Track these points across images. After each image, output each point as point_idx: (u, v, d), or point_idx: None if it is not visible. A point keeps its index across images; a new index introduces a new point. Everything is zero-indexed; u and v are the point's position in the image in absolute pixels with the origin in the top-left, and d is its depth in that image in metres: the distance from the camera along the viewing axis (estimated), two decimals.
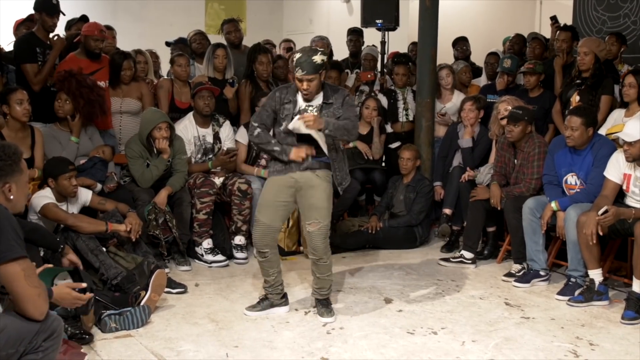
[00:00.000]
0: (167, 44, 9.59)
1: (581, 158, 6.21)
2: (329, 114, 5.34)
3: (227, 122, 7.51)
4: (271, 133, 5.46)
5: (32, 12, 7.18)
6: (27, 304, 3.26)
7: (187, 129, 7.26)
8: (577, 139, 6.13)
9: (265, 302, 5.58)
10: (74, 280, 4.86)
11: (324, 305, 5.54)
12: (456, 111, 8.25)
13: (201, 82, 7.34)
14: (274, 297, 5.59)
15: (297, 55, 5.23)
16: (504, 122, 6.97)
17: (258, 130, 5.36)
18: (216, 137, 7.37)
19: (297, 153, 5.24)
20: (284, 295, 5.67)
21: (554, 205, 6.21)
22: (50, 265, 4.08)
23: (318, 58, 5.16)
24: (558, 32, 8.21)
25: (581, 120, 6.10)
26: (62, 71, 6.69)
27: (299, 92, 5.33)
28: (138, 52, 8.05)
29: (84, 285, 3.98)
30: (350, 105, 5.48)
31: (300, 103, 5.35)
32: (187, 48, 8.95)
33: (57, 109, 6.59)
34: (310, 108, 5.33)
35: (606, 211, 5.52)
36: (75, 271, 5.07)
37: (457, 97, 8.37)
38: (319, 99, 5.36)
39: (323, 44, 9.35)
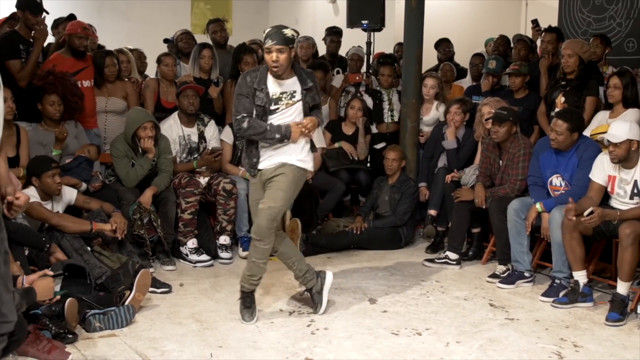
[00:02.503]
0: (166, 40, 9.58)
1: (566, 160, 6.24)
2: (311, 99, 5.33)
3: (212, 122, 7.50)
4: None
5: (15, 10, 7.13)
6: None
7: (172, 128, 7.24)
8: (561, 142, 6.17)
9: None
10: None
11: (246, 301, 5.43)
12: (434, 123, 8.27)
13: (185, 81, 7.32)
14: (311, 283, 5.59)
15: (267, 30, 5.14)
16: (488, 124, 7.00)
17: (247, 120, 5.20)
18: (201, 136, 7.35)
19: (298, 131, 5.21)
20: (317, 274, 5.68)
21: (538, 206, 6.24)
22: (50, 273, 4.08)
23: (288, 32, 5.11)
24: (543, 33, 8.23)
25: (567, 125, 6.13)
26: (45, 72, 6.64)
27: (269, 77, 5.25)
28: (120, 51, 8.01)
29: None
30: (318, 90, 5.48)
31: (273, 90, 5.26)
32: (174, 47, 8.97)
33: (51, 112, 6.54)
34: (285, 95, 5.27)
35: (591, 212, 5.55)
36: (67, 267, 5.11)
37: (436, 112, 8.33)
38: (293, 84, 5.30)
39: (308, 44, 9.35)
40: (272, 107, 5.25)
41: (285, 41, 5.08)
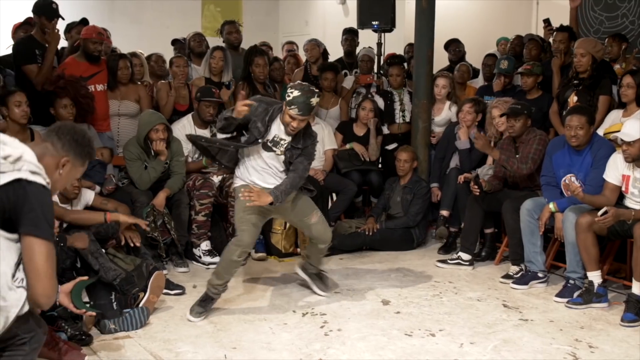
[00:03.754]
0: (175, 41, 9.63)
1: (580, 159, 6.20)
2: (290, 154, 5.48)
3: None
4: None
5: (30, 15, 7.17)
6: (39, 282, 3.20)
7: (185, 128, 7.25)
8: (582, 137, 6.11)
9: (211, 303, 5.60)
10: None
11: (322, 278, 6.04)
12: (445, 123, 8.26)
13: (210, 89, 7.32)
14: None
15: (296, 93, 5.21)
16: (500, 126, 7.00)
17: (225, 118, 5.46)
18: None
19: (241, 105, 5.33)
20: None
21: (552, 206, 6.21)
22: (85, 278, 4.09)
23: (314, 100, 5.26)
24: (555, 32, 8.20)
25: (585, 118, 6.10)
26: (55, 77, 6.66)
27: (281, 123, 5.44)
28: (133, 54, 8.01)
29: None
30: (308, 154, 5.58)
31: (276, 132, 5.46)
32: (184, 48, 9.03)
33: (64, 115, 6.54)
34: (283, 141, 5.47)
35: (605, 212, 5.53)
36: (96, 282, 5.14)
37: (448, 112, 8.32)
38: (294, 138, 5.48)
39: (314, 45, 9.43)
40: (271, 146, 5.49)
41: (310, 111, 5.32)
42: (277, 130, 5.45)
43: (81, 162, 3.56)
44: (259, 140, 5.44)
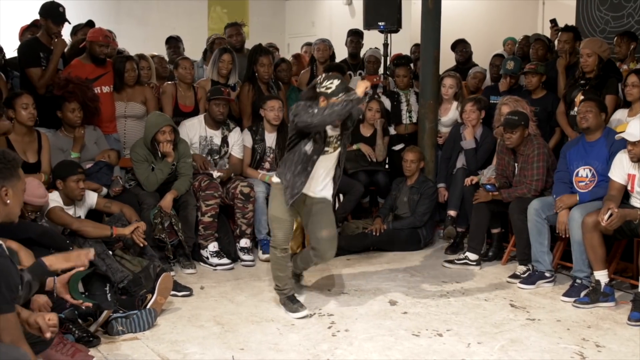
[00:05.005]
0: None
1: (595, 149, 6.22)
2: (342, 144, 5.63)
3: (237, 129, 7.50)
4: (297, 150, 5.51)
5: (37, 17, 7.18)
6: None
7: (194, 127, 7.29)
8: (592, 120, 6.16)
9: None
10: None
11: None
12: (452, 124, 8.25)
13: (219, 89, 7.31)
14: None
15: (336, 82, 5.31)
16: (501, 129, 7.00)
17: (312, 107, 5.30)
18: (224, 140, 7.36)
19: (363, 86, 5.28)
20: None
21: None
22: (81, 268, 4.09)
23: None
24: (560, 33, 8.19)
25: (594, 103, 6.19)
26: (63, 81, 6.63)
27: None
28: (141, 57, 8.00)
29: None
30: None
31: (329, 132, 5.47)
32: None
33: (72, 119, 6.55)
34: (332, 139, 5.51)
35: (610, 215, 5.52)
36: (92, 273, 5.13)
37: (455, 112, 8.26)
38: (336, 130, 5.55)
39: (325, 46, 9.38)
40: (326, 148, 5.49)
41: None
42: (328, 131, 5.46)
43: (16, 177, 3.55)
44: (325, 149, 5.50)
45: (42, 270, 3.71)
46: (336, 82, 5.30)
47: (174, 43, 9.60)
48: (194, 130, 7.26)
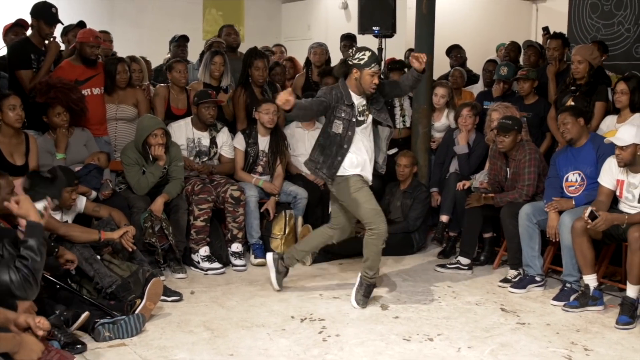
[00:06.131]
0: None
1: (583, 153, 6.30)
2: (375, 111, 5.96)
3: (225, 129, 7.49)
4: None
5: (20, 16, 7.13)
6: None
7: (182, 129, 7.27)
8: (572, 129, 6.29)
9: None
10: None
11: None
12: (445, 129, 8.26)
13: (206, 92, 7.32)
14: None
15: (368, 54, 5.73)
16: (494, 133, 7.01)
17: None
18: (213, 141, 7.35)
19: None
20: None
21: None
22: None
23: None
24: (549, 40, 8.23)
25: (567, 113, 6.32)
26: (45, 87, 6.50)
27: (352, 94, 5.79)
28: (132, 59, 7.99)
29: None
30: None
31: (357, 103, 5.81)
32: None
33: (58, 123, 6.49)
34: (363, 106, 5.85)
35: (591, 213, 5.55)
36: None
37: (447, 120, 8.33)
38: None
39: (322, 50, 9.39)
40: (361, 118, 5.82)
41: None
42: (356, 102, 5.81)
43: None
44: (354, 120, 5.78)
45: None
46: (368, 53, 5.71)
47: (182, 42, 9.59)
48: (181, 132, 7.23)
